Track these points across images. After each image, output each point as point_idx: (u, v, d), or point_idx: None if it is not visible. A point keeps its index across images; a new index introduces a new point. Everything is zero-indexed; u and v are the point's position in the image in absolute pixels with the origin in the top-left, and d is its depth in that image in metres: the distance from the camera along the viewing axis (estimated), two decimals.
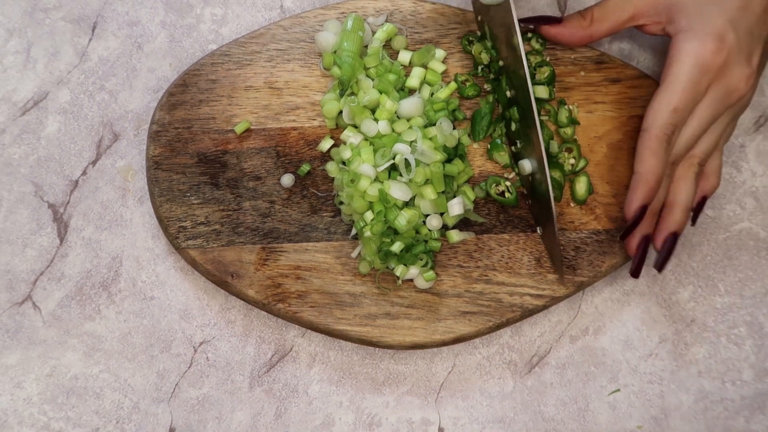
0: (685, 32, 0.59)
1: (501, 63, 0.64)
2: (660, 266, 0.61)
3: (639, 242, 0.61)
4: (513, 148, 0.64)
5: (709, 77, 0.58)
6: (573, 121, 0.65)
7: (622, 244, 0.63)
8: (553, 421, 0.63)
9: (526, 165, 0.62)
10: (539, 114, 0.65)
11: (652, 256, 0.62)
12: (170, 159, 0.64)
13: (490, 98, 0.65)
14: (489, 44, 0.65)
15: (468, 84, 0.65)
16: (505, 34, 0.61)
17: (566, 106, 0.65)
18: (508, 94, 0.63)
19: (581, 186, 0.63)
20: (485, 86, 0.66)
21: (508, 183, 0.64)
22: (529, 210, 0.64)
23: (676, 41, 0.59)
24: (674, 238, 0.61)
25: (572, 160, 0.64)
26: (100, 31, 0.69)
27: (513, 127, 0.63)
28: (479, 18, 0.66)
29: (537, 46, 0.66)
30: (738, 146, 0.68)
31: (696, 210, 0.63)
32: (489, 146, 0.64)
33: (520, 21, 0.65)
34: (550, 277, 0.62)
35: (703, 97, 0.59)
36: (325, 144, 0.64)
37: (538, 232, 0.63)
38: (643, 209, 0.59)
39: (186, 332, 0.64)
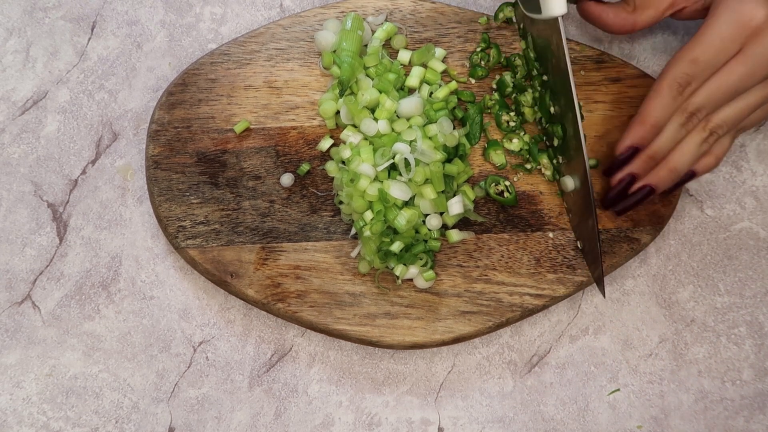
0: None
1: (545, 78, 0.62)
2: (619, 208, 0.61)
3: (623, 177, 0.60)
4: (554, 161, 0.63)
5: (745, 33, 0.56)
6: None
7: (622, 244, 0.63)
8: (552, 421, 0.63)
9: (569, 182, 0.61)
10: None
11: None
12: (169, 158, 0.63)
13: (487, 100, 0.65)
14: (533, 56, 0.63)
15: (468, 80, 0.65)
16: (552, 54, 0.59)
17: None
18: (551, 110, 0.62)
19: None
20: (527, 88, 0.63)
21: (507, 183, 0.63)
22: (571, 226, 0.63)
23: (717, 1, 0.57)
24: (649, 191, 0.60)
25: None
26: (99, 31, 0.69)
27: (555, 142, 0.62)
28: (521, 26, 0.63)
29: (523, 44, 0.65)
30: (738, 146, 0.68)
31: (678, 183, 0.60)
32: (485, 146, 0.64)
33: None
34: (550, 277, 0.62)
35: (736, 54, 0.56)
36: (325, 143, 0.64)
37: (579, 246, 0.62)
38: (633, 150, 0.58)
39: (185, 332, 0.64)
